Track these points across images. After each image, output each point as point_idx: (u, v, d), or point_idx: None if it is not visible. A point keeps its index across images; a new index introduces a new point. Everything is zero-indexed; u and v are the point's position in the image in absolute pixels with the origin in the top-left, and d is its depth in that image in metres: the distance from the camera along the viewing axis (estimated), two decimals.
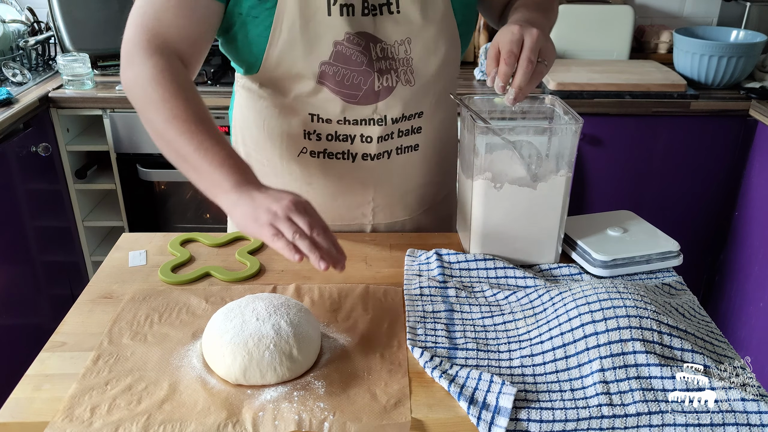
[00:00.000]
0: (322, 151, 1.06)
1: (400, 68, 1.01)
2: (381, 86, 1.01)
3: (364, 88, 1.00)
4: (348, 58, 0.98)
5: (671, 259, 0.99)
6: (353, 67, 0.98)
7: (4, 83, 1.98)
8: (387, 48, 0.99)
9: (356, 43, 0.97)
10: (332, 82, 0.99)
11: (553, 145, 0.95)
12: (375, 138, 1.04)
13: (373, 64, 0.99)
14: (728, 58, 1.93)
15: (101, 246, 2.25)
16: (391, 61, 1.00)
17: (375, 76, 1.00)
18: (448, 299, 0.90)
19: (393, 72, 1.01)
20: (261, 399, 0.72)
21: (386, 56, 1.00)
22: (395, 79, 1.01)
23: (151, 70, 0.89)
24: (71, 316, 0.88)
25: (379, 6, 0.98)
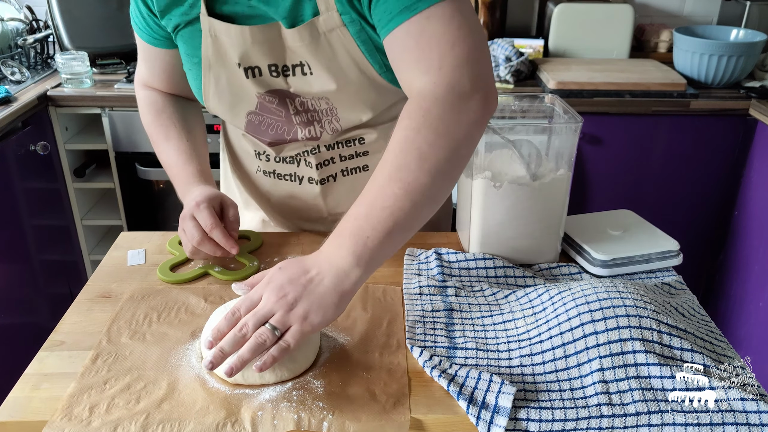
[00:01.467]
0: (272, 171, 1.09)
1: (324, 118, 0.97)
2: (305, 137, 1.00)
3: (287, 138, 1.01)
4: (270, 109, 0.99)
5: (671, 259, 0.99)
6: (276, 117, 0.99)
7: (3, 82, 1.98)
8: (306, 101, 0.96)
9: (269, 101, 0.98)
10: (257, 132, 1.02)
11: (553, 144, 0.95)
12: (314, 164, 1.04)
13: (292, 118, 0.99)
14: (728, 57, 1.93)
15: (100, 245, 2.25)
16: (313, 113, 0.97)
17: (297, 129, 1.00)
18: (448, 298, 0.90)
19: (317, 123, 0.98)
20: (260, 398, 0.72)
21: (306, 109, 0.97)
22: (320, 130, 0.99)
23: (141, 102, 1.11)
24: (70, 315, 0.88)
25: (292, 67, 0.93)
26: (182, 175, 1.03)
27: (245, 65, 0.94)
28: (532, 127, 0.97)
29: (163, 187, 2.17)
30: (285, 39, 0.91)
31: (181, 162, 1.04)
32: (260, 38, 0.91)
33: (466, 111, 0.77)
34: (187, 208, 0.96)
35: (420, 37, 0.78)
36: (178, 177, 1.03)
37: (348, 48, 0.89)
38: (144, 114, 1.10)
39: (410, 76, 0.80)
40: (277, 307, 0.72)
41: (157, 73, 1.08)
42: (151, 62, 1.07)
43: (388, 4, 0.79)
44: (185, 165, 1.03)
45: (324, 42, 0.89)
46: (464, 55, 0.77)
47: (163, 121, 1.07)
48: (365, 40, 0.89)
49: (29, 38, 2.13)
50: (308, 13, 0.88)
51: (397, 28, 0.79)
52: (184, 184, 1.02)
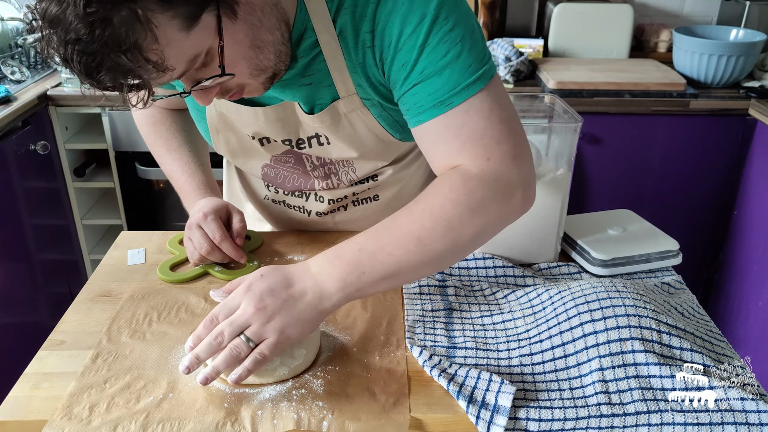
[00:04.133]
0: (282, 201, 1.09)
1: (341, 170, 0.97)
2: (322, 188, 1.01)
3: (305, 189, 1.02)
4: (285, 166, 0.99)
5: (670, 258, 0.99)
6: (292, 171, 1.00)
7: (3, 81, 1.98)
8: (323, 158, 0.95)
9: (285, 161, 0.98)
10: (275, 183, 1.03)
11: (553, 143, 0.95)
12: (326, 200, 1.04)
13: (309, 173, 0.99)
14: (728, 57, 1.93)
15: (100, 244, 2.25)
16: (330, 166, 0.97)
17: (315, 181, 1.00)
18: (448, 298, 0.90)
19: (334, 176, 0.98)
20: (260, 398, 0.72)
21: (323, 163, 0.97)
22: (337, 182, 0.99)
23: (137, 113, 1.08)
24: (70, 315, 0.88)
25: (307, 139, 0.91)
26: (187, 186, 1.04)
27: (258, 137, 0.93)
28: (532, 127, 0.97)
29: (163, 186, 2.17)
30: (300, 115, 0.89)
31: (186, 174, 1.04)
32: (273, 118, 0.89)
33: (507, 203, 0.77)
34: (194, 218, 0.96)
35: (460, 131, 0.76)
36: (184, 189, 1.04)
37: (368, 124, 0.88)
38: (142, 126, 1.09)
39: (451, 160, 0.78)
40: (255, 318, 0.71)
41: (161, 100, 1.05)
42: None
43: (419, 97, 0.76)
44: (190, 177, 1.04)
45: (345, 121, 0.88)
46: (511, 152, 0.77)
47: (163, 133, 1.07)
48: (386, 117, 0.88)
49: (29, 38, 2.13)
50: (327, 99, 0.86)
51: (431, 120, 0.77)
52: (190, 195, 1.03)
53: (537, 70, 2.08)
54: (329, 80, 0.84)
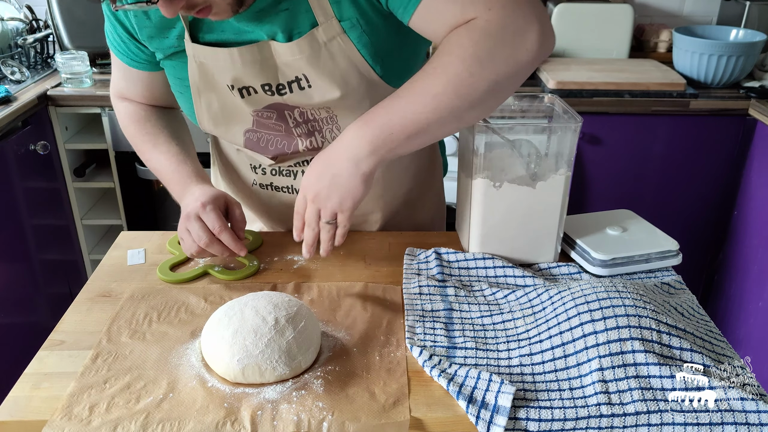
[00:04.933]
0: (269, 184, 1.09)
1: (325, 127, 0.96)
2: (306, 148, 0.99)
3: (289, 152, 1.00)
4: (267, 125, 0.98)
5: (670, 258, 0.99)
6: (275, 132, 0.98)
7: (3, 81, 1.98)
8: (305, 111, 0.95)
9: (267, 116, 0.97)
10: (258, 148, 1.01)
11: (553, 143, 0.95)
12: None
13: (292, 130, 0.97)
14: (728, 57, 1.93)
15: (100, 244, 2.25)
16: (313, 123, 0.96)
17: (297, 140, 0.99)
18: (447, 298, 0.90)
19: (317, 133, 0.97)
20: (260, 397, 0.72)
21: (306, 119, 0.96)
22: (321, 140, 0.98)
23: (121, 114, 1.08)
24: (70, 315, 0.88)
25: (287, 84, 0.91)
26: (177, 176, 1.02)
27: (238, 86, 0.93)
28: (532, 127, 0.97)
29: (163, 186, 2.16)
30: (277, 57, 0.89)
31: (174, 164, 1.02)
32: (250, 59, 0.89)
33: (519, 48, 0.76)
34: (191, 208, 0.94)
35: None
36: (173, 180, 1.02)
37: (349, 54, 0.88)
38: (126, 126, 1.08)
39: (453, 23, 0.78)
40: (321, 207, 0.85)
41: (137, 90, 1.06)
42: (131, 80, 1.05)
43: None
44: (179, 166, 1.02)
45: (324, 53, 0.88)
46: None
47: (149, 130, 1.06)
48: (366, 44, 0.88)
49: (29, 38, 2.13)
50: (305, 25, 0.87)
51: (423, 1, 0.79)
52: (181, 185, 1.00)
53: (537, 70, 2.08)
54: (306, 4, 0.85)
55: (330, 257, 1.01)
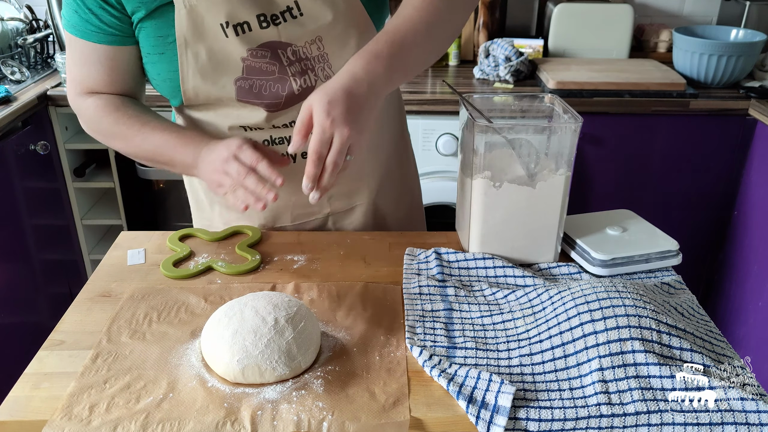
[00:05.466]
0: (267, 139, 1.05)
1: (317, 65, 1.00)
2: (300, 88, 1.00)
3: (283, 95, 1.00)
4: (260, 70, 0.98)
5: (670, 258, 0.99)
6: (267, 77, 0.98)
7: (3, 81, 1.98)
8: (298, 50, 0.98)
9: (262, 56, 0.97)
10: (251, 96, 0.99)
11: (553, 143, 0.95)
12: None
13: (286, 69, 0.99)
14: (728, 57, 1.93)
15: (100, 244, 2.25)
16: (306, 62, 0.99)
17: (291, 81, 0.99)
18: (447, 298, 0.90)
19: (310, 72, 1.00)
20: (260, 397, 0.72)
21: (299, 58, 0.99)
22: (314, 78, 1.00)
23: (92, 109, 1.02)
24: (70, 315, 0.88)
25: (281, 14, 0.96)
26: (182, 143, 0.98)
27: (233, 22, 0.94)
28: (532, 127, 0.97)
29: (163, 186, 2.17)
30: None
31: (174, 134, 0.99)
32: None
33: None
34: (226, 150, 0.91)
35: None
36: (178, 148, 0.98)
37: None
38: (100, 119, 1.02)
39: None
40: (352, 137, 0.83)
41: (99, 75, 1.01)
42: (96, 64, 1.00)
43: None
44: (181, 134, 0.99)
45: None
46: None
47: (131, 113, 1.01)
48: None
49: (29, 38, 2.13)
50: None
51: None
52: (192, 148, 0.97)
53: (537, 70, 2.08)
54: None
55: (330, 257, 1.01)
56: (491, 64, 2.06)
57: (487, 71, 2.07)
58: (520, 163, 0.95)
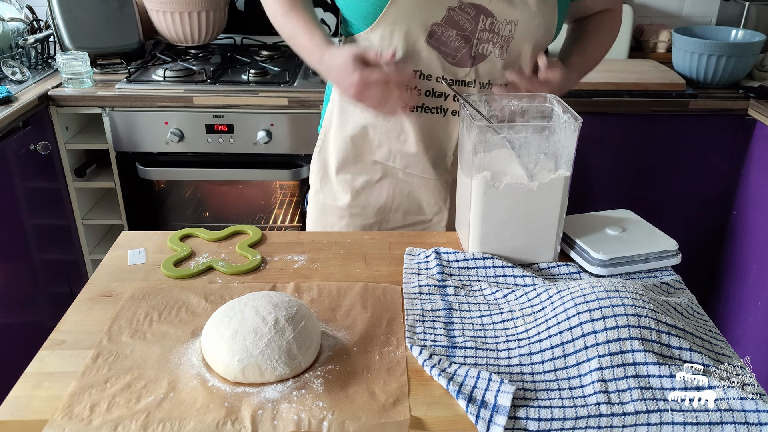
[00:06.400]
0: (420, 105, 1.14)
1: (498, 43, 1.10)
2: (477, 53, 1.10)
3: (463, 51, 1.10)
4: (456, 23, 1.07)
5: (670, 258, 0.99)
6: (459, 32, 1.08)
7: (3, 81, 1.98)
8: (496, 24, 1.08)
9: (467, 11, 1.07)
10: (438, 42, 1.09)
11: (552, 144, 0.95)
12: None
13: (476, 32, 1.08)
14: (727, 57, 1.93)
15: (100, 244, 2.25)
16: (494, 35, 1.09)
17: (474, 43, 1.09)
18: (447, 298, 0.90)
19: (491, 43, 1.09)
20: (260, 397, 0.72)
21: (492, 30, 1.08)
22: (490, 50, 1.10)
23: None
24: (70, 314, 0.88)
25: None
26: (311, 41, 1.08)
27: None
28: (532, 127, 0.97)
29: (164, 186, 2.17)
30: None
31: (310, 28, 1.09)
32: None
33: None
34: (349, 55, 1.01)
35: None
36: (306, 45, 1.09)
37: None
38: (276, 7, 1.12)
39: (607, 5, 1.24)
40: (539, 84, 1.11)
41: None
42: None
43: None
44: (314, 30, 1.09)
45: None
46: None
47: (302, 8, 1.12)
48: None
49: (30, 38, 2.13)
50: None
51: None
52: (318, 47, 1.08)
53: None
54: None
55: (330, 257, 1.02)
56: None
57: None
58: (520, 163, 0.96)
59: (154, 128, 1.94)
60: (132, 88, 1.92)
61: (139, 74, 2.02)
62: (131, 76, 2.00)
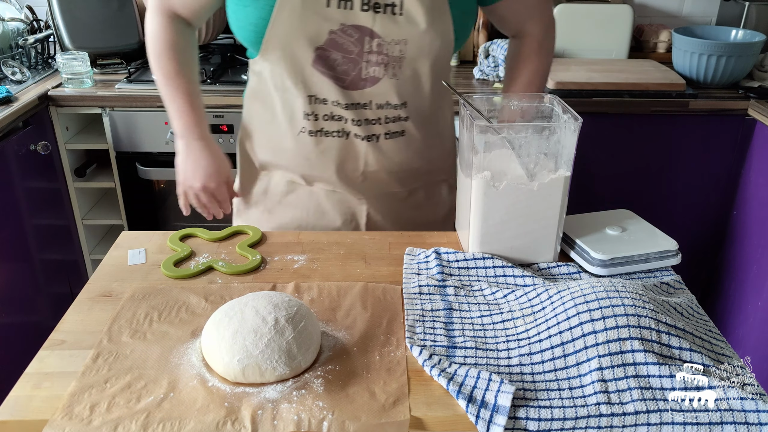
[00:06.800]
0: (319, 130, 1.11)
1: (390, 63, 1.06)
2: (368, 76, 1.06)
3: (352, 74, 1.06)
4: (341, 46, 1.04)
5: (670, 258, 0.99)
6: (344, 54, 1.05)
7: (4, 81, 1.98)
8: (383, 45, 1.04)
9: (350, 34, 1.03)
10: (324, 66, 1.06)
11: (552, 144, 0.95)
12: (363, 120, 1.09)
13: (363, 54, 1.05)
14: (727, 57, 1.93)
15: (100, 244, 2.25)
16: (383, 57, 1.05)
17: (363, 66, 1.06)
18: (447, 298, 0.90)
19: (382, 65, 1.06)
20: (260, 397, 0.72)
21: (380, 52, 1.04)
22: (383, 72, 1.06)
23: (160, 27, 1.13)
24: (70, 315, 0.88)
25: (384, 5, 1.02)
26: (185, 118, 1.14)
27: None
28: (532, 127, 0.97)
29: (164, 186, 2.17)
30: None
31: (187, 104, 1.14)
32: None
33: None
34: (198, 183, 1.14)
35: None
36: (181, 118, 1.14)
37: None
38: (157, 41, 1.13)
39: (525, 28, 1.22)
40: None
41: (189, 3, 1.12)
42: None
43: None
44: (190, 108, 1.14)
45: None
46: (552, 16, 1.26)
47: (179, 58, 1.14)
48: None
49: (30, 38, 2.13)
50: None
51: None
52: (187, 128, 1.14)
53: None
54: None
55: (330, 257, 1.02)
56: (491, 65, 2.06)
57: (486, 72, 2.07)
58: (520, 163, 0.96)
59: (154, 128, 1.94)
60: (132, 88, 1.92)
61: (139, 74, 2.02)
62: (131, 76, 2.00)
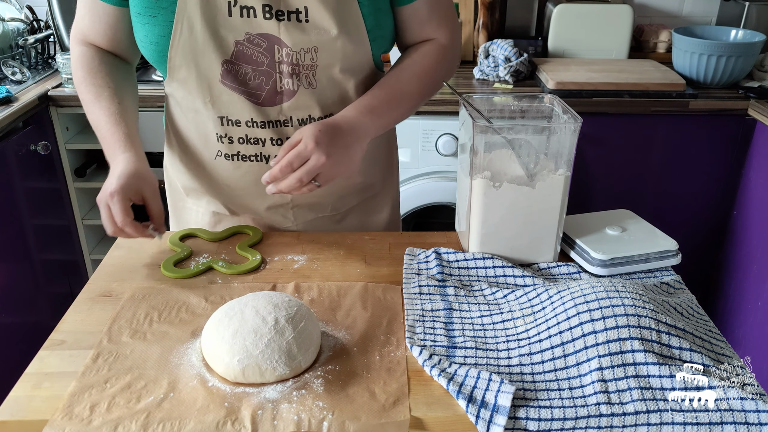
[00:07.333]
0: (236, 154, 1.06)
1: (303, 73, 1.00)
2: (283, 88, 1.01)
3: (266, 88, 1.01)
4: (250, 58, 0.98)
5: (670, 258, 0.99)
6: (255, 67, 0.99)
7: (4, 82, 1.98)
8: (292, 54, 0.98)
9: (257, 44, 0.98)
10: (235, 82, 1.00)
11: (552, 144, 0.95)
12: (285, 140, 1.03)
13: (275, 65, 0.99)
14: (727, 57, 1.93)
15: (100, 244, 2.25)
16: (295, 66, 0.99)
17: (277, 78, 1.00)
18: (447, 298, 0.90)
19: (296, 76, 1.00)
20: (260, 397, 0.72)
21: (291, 62, 0.99)
22: (297, 83, 1.01)
23: (77, 56, 1.08)
24: (70, 315, 0.88)
25: (287, 13, 0.96)
26: (110, 138, 1.02)
27: (241, 3, 0.95)
28: (532, 127, 0.97)
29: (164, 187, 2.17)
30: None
31: (111, 124, 1.03)
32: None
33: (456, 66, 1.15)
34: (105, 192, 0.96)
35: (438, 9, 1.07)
36: (106, 139, 1.03)
37: None
38: (77, 70, 1.08)
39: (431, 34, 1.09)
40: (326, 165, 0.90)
41: (101, 29, 1.06)
42: (96, 18, 1.05)
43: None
44: (114, 127, 1.03)
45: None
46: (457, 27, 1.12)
47: (98, 81, 1.05)
48: None
49: (30, 38, 2.13)
50: None
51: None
52: (112, 149, 1.02)
53: (537, 71, 2.08)
54: None
55: (330, 257, 1.02)
56: (491, 65, 2.06)
57: (486, 72, 2.07)
58: (520, 164, 0.96)
59: (154, 128, 1.94)
60: None
61: (139, 74, 2.01)
62: None
